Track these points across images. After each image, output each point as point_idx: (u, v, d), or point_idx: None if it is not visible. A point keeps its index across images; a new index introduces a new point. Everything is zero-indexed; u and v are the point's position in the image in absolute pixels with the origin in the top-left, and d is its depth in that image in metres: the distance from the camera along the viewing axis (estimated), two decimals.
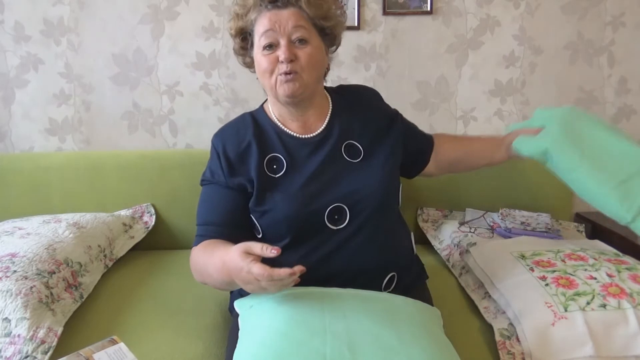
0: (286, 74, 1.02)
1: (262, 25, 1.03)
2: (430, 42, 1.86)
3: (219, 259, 0.94)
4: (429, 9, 1.81)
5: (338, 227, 1.06)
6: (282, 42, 1.02)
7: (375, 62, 1.87)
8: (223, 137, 1.15)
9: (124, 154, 1.77)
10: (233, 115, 1.85)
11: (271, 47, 1.03)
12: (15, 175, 1.71)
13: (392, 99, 1.20)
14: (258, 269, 0.81)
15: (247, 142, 1.11)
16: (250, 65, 1.14)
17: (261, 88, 1.84)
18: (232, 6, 1.10)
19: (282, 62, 1.02)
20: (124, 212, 1.70)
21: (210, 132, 1.88)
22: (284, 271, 0.80)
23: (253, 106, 1.84)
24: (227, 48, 1.83)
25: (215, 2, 1.80)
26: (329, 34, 1.10)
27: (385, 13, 1.82)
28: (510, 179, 1.80)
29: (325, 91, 1.19)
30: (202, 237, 1.08)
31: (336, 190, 1.07)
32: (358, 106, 1.17)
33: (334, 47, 1.16)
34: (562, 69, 1.89)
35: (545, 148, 1.08)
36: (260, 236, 1.11)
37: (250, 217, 1.11)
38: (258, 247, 0.84)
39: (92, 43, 1.81)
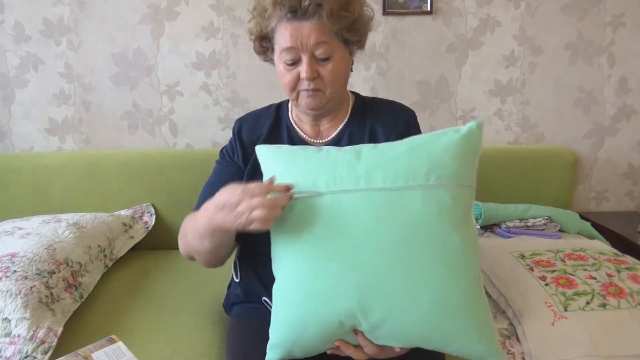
0: (308, 90, 1.02)
1: (283, 39, 0.99)
2: (430, 42, 1.86)
3: (203, 209, 0.93)
4: (429, 9, 1.81)
5: None
6: (304, 58, 0.99)
7: (375, 62, 1.87)
8: (242, 121, 1.17)
9: (124, 154, 1.77)
10: (233, 115, 1.87)
11: (293, 62, 1.01)
12: (15, 175, 1.71)
13: (392, 99, 1.20)
14: (255, 185, 0.82)
15: (260, 133, 1.13)
16: (269, 61, 1.11)
17: (261, 88, 1.87)
18: (250, 9, 1.05)
19: (303, 79, 1.01)
20: (124, 212, 1.70)
21: (210, 132, 1.92)
22: (279, 185, 0.84)
23: (253, 106, 1.85)
24: (227, 48, 1.83)
25: (215, 2, 1.80)
26: (353, 42, 1.05)
27: (385, 13, 1.82)
28: (510, 178, 1.80)
29: (350, 97, 1.15)
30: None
31: None
32: (380, 120, 1.11)
33: (361, 48, 1.10)
34: (562, 69, 1.89)
35: None
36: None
37: None
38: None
39: (92, 43, 1.81)
